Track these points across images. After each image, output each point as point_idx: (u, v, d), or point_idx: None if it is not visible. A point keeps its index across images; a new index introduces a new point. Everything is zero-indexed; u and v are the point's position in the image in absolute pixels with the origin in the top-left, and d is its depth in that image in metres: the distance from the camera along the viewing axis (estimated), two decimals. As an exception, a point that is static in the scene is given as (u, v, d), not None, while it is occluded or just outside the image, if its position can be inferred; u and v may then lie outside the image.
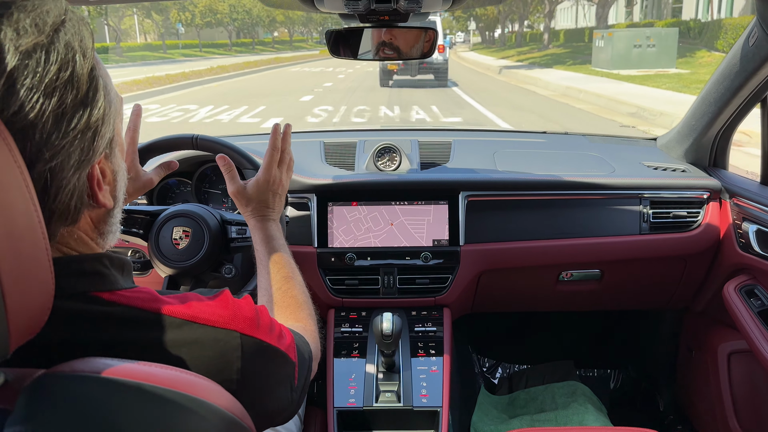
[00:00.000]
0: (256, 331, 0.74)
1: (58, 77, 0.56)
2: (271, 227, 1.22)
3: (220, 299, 0.73)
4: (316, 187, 1.80)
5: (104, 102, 0.63)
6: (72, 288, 0.63)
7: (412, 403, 1.61)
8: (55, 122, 0.56)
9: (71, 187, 0.60)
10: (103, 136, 0.63)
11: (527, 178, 1.86)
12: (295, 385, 0.84)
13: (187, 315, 0.68)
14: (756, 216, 1.66)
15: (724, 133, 1.89)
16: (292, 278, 1.13)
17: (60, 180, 0.58)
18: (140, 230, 1.45)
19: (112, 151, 0.69)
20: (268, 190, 1.24)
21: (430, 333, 1.78)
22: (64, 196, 0.60)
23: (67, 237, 0.65)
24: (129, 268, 0.74)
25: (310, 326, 1.05)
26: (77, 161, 0.60)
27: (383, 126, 9.13)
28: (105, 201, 0.67)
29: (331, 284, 1.81)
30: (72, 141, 0.58)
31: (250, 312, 0.75)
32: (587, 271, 1.91)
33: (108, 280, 0.67)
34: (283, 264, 1.14)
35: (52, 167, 0.57)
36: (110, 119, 0.65)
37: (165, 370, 0.58)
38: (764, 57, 1.50)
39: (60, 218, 0.61)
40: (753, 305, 1.67)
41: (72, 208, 0.62)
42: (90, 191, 0.65)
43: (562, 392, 2.34)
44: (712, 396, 1.96)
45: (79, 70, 0.58)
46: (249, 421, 0.66)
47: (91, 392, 0.53)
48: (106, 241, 0.73)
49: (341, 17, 1.48)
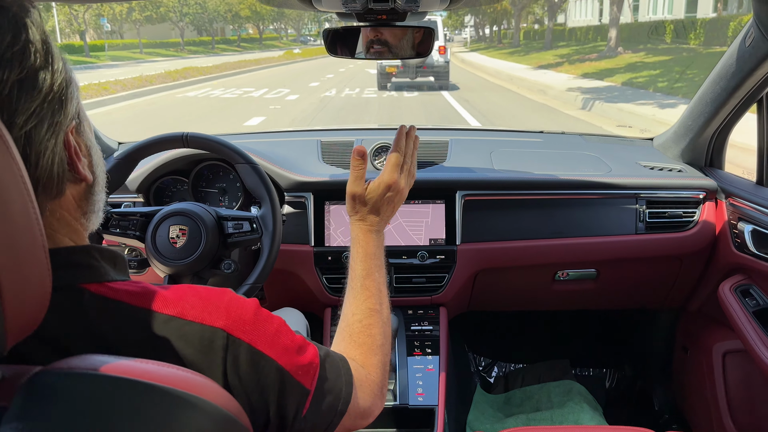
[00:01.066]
0: (251, 335, 0.70)
1: (14, 45, 0.58)
2: (375, 241, 1.11)
3: (216, 295, 0.71)
4: (312, 186, 1.80)
5: (63, 66, 0.64)
6: (60, 279, 0.62)
7: (408, 402, 1.61)
8: (21, 88, 0.58)
9: (50, 152, 0.62)
10: (69, 100, 0.65)
11: (524, 178, 1.86)
12: (303, 415, 0.76)
13: (175, 311, 0.67)
14: (751, 216, 1.66)
15: (721, 134, 1.89)
16: (379, 312, 1.02)
17: (38, 145, 0.60)
18: (136, 232, 1.45)
19: (81, 124, 0.70)
20: (385, 196, 1.10)
21: (427, 332, 1.78)
22: (45, 162, 0.62)
23: (50, 217, 0.66)
24: (121, 261, 0.73)
25: (374, 375, 0.93)
26: (50, 124, 0.62)
27: (380, 125, 9.03)
28: (85, 173, 0.68)
29: (327, 283, 1.81)
30: (41, 104, 0.60)
31: (246, 315, 0.71)
32: (583, 270, 1.92)
33: (97, 272, 0.67)
34: (374, 292, 1.03)
35: (28, 132, 0.59)
36: (73, 85, 0.67)
37: (161, 367, 0.58)
38: (761, 57, 1.50)
39: (45, 189, 0.63)
40: (748, 305, 1.67)
41: (55, 177, 0.63)
42: (69, 160, 0.66)
43: (557, 391, 2.34)
44: (707, 395, 1.97)
45: (32, 37, 0.60)
46: (245, 419, 0.66)
47: (87, 389, 0.53)
48: (90, 222, 0.73)
49: (339, 16, 1.48)
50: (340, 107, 13.24)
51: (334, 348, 0.96)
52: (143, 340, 0.64)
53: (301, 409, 0.76)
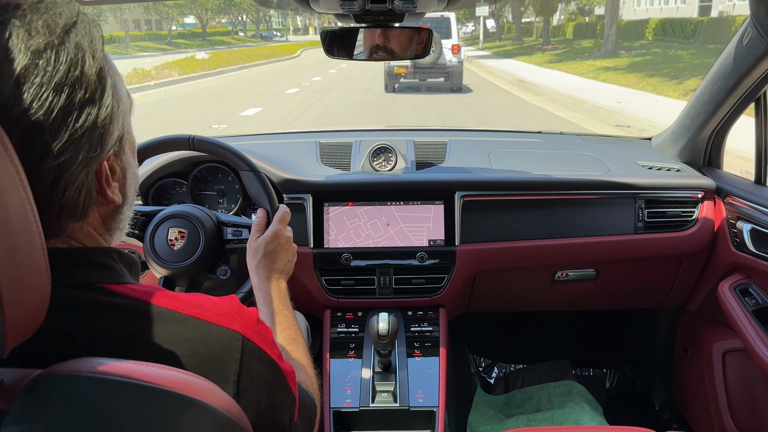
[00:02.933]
0: (259, 340, 0.73)
1: (68, 76, 0.58)
2: (275, 286, 1.22)
3: (227, 301, 0.73)
4: (311, 188, 1.80)
5: (112, 101, 0.64)
6: (80, 278, 0.64)
7: (409, 403, 1.61)
8: (64, 119, 0.58)
9: (79, 182, 0.62)
10: (111, 133, 0.65)
11: (522, 178, 1.86)
12: (294, 421, 0.82)
13: (192, 312, 0.68)
14: (750, 215, 1.66)
15: (719, 133, 1.89)
16: (295, 340, 1.13)
17: (68, 176, 0.60)
18: (135, 230, 1.45)
19: (122, 149, 0.71)
20: (277, 243, 1.26)
21: (426, 333, 1.78)
22: (73, 192, 0.62)
23: (77, 231, 0.67)
24: (137, 266, 0.75)
25: (313, 386, 1.04)
26: (85, 158, 0.61)
27: (379, 126, 8.92)
28: (114, 197, 0.69)
29: (327, 284, 1.81)
30: (80, 138, 0.60)
31: (255, 320, 0.74)
32: (582, 270, 1.92)
33: (116, 273, 0.69)
34: (286, 325, 1.15)
35: (61, 163, 0.59)
36: (119, 118, 0.67)
37: (162, 370, 0.58)
38: (758, 56, 1.50)
39: (69, 213, 0.63)
40: (747, 304, 1.67)
41: (80, 204, 0.64)
42: (98, 187, 0.66)
43: (558, 392, 2.34)
44: (707, 395, 1.97)
45: (87, 70, 0.60)
46: (246, 422, 0.66)
47: (87, 392, 0.53)
48: (113, 237, 0.75)
49: (336, 17, 1.48)
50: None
51: None
52: (161, 338, 0.65)
53: (293, 415, 0.81)
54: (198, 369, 0.65)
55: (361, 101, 13.17)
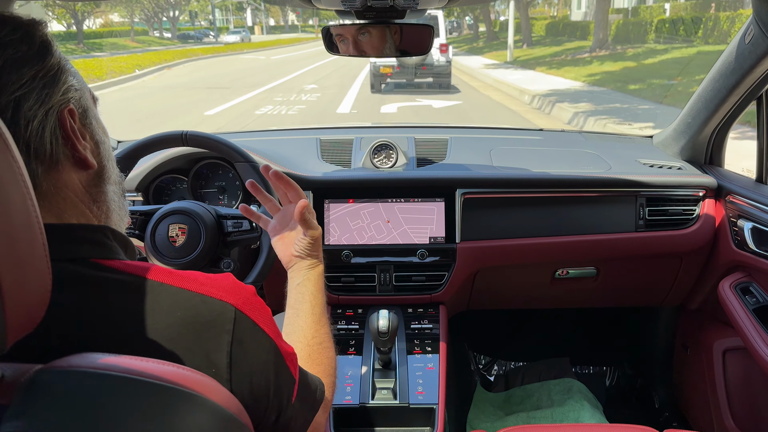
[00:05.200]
0: (255, 315, 0.74)
1: (11, 35, 0.68)
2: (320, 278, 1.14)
3: (222, 276, 0.75)
4: (312, 184, 1.80)
5: (59, 58, 0.73)
6: (73, 253, 0.67)
7: (408, 401, 1.61)
8: (12, 65, 0.68)
9: (39, 120, 0.69)
10: (61, 83, 0.72)
11: (523, 176, 1.86)
12: (292, 402, 0.81)
13: (186, 285, 0.70)
14: (751, 213, 1.66)
15: (720, 131, 1.89)
16: (331, 339, 1.09)
17: (26, 110, 0.68)
18: (136, 230, 1.46)
19: (88, 121, 0.77)
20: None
21: (426, 330, 1.78)
22: (36, 126, 0.68)
23: (54, 195, 0.70)
24: (132, 247, 0.78)
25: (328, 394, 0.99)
26: (39, 96, 0.69)
27: (379, 123, 9.04)
28: (86, 156, 0.73)
29: (327, 281, 1.81)
30: (31, 80, 0.69)
31: (252, 297, 0.75)
32: (583, 268, 1.92)
33: (109, 250, 0.72)
34: (326, 323, 1.10)
35: (17, 98, 0.67)
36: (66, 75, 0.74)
37: (161, 365, 0.58)
38: (760, 54, 1.50)
39: (36, 154, 0.68)
40: (748, 302, 1.67)
41: (47, 145, 0.69)
42: (64, 134, 0.71)
43: (557, 389, 2.34)
44: (708, 393, 1.97)
45: (30, 34, 0.70)
46: (246, 417, 0.66)
47: (87, 387, 0.53)
48: (103, 213, 0.77)
49: (338, 14, 1.48)
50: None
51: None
52: (153, 309, 0.66)
53: (291, 395, 0.81)
54: (190, 337, 0.66)
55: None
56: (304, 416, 0.86)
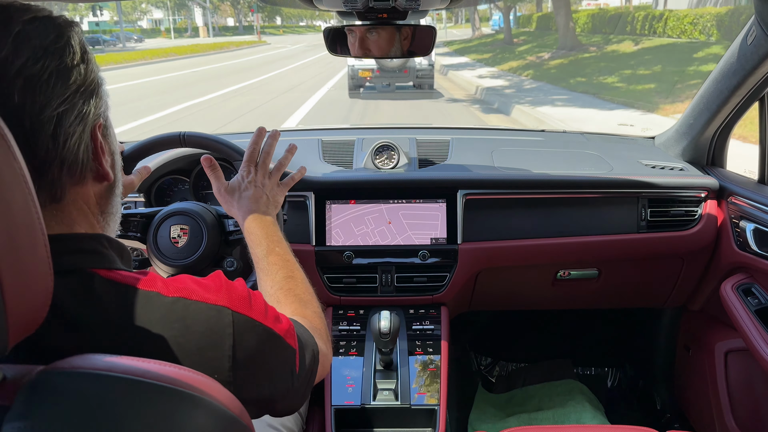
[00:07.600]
0: (249, 311, 0.76)
1: (56, 42, 0.68)
2: (264, 222, 1.16)
3: (211, 279, 0.76)
4: (313, 185, 1.80)
5: (96, 70, 0.73)
6: (70, 264, 0.67)
7: (410, 402, 1.61)
8: (58, 76, 0.67)
9: (77, 137, 0.69)
10: (99, 97, 0.73)
11: (525, 177, 1.86)
12: (297, 372, 0.84)
13: (179, 293, 0.70)
14: (753, 215, 1.66)
15: (722, 132, 1.89)
16: (293, 277, 1.08)
17: (67, 126, 0.68)
18: (137, 233, 1.46)
19: (107, 128, 0.78)
20: (248, 183, 1.22)
21: (428, 331, 1.78)
22: (72, 145, 0.69)
23: (71, 204, 0.71)
24: (128, 254, 0.77)
25: (317, 323, 1.01)
26: (79, 113, 0.69)
27: (381, 124, 8.94)
28: (107, 169, 0.75)
29: (329, 282, 1.81)
30: (74, 94, 0.69)
31: (242, 292, 0.77)
32: (585, 269, 1.92)
33: (106, 259, 0.71)
34: (281, 265, 1.09)
35: (60, 113, 0.67)
36: (102, 89, 0.75)
37: (163, 366, 0.58)
38: (762, 55, 1.50)
39: (69, 171, 0.69)
40: (750, 304, 1.67)
41: (80, 162, 0.70)
42: (94, 151, 0.73)
43: (559, 390, 2.34)
44: (709, 394, 1.96)
45: (72, 40, 0.70)
46: (247, 419, 0.66)
47: (89, 389, 0.53)
48: (106, 222, 0.78)
49: (339, 15, 1.48)
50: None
51: None
52: (150, 322, 0.67)
53: (295, 368, 0.84)
54: (192, 347, 0.68)
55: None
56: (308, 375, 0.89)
